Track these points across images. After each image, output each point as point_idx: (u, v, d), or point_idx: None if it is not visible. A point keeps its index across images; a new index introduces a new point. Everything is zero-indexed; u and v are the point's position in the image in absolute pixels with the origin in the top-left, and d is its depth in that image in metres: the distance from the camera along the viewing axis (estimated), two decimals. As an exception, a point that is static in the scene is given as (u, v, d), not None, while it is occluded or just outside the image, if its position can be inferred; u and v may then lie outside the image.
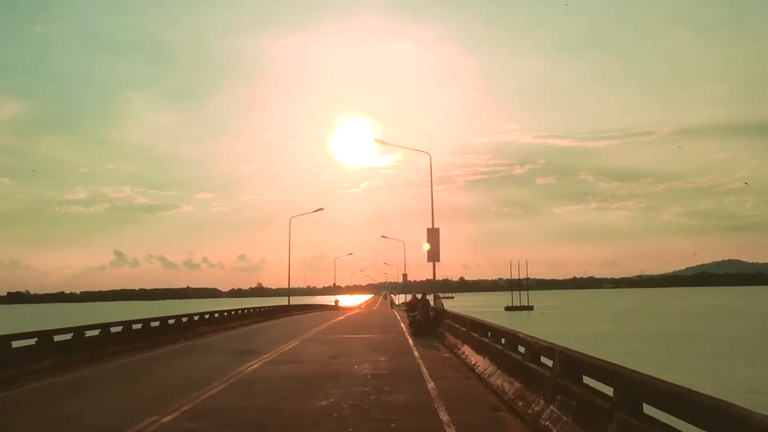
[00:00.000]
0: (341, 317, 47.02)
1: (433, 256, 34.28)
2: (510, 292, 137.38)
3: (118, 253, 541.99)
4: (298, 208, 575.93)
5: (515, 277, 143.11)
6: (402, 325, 35.57)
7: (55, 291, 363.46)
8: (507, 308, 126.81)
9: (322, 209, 57.84)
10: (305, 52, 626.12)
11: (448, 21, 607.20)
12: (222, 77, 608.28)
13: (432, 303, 28.24)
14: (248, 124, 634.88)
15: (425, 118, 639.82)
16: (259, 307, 47.55)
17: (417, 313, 27.55)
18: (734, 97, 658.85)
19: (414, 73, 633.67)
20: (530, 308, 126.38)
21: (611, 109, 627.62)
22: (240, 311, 40.76)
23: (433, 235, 34.72)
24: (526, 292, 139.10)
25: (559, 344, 9.31)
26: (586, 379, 7.85)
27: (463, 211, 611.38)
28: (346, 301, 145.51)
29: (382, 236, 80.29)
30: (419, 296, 29.34)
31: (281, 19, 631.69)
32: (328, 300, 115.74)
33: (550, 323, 76.12)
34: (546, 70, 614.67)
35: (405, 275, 79.78)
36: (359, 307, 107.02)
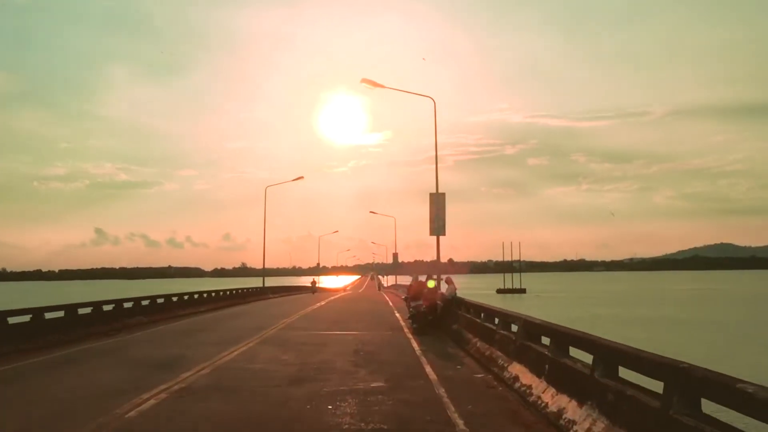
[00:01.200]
0: (322, 302, 40.09)
1: (438, 227, 27.20)
2: (501, 275, 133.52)
3: (99, 231, 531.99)
4: (282, 187, 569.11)
5: (506, 258, 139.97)
6: (397, 315, 28.57)
7: (32, 269, 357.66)
8: (499, 291, 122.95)
9: (302, 178, 50.64)
10: (292, 27, 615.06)
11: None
12: (206, 51, 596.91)
13: (444, 290, 21.17)
14: (233, 100, 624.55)
15: (412, 96, 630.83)
16: (228, 290, 40.52)
17: (421, 302, 20.32)
18: (731, 77, 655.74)
19: (404, 49, 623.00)
20: (522, 291, 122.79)
21: (604, 89, 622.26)
22: (200, 295, 33.62)
23: (437, 201, 27.59)
24: (518, 274, 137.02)
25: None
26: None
27: (453, 191, 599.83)
28: (331, 282, 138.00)
29: (371, 212, 73.59)
30: (423, 279, 22.17)
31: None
32: (307, 282, 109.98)
33: (546, 307, 71.45)
34: (538, 47, 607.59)
35: (395, 255, 72.93)
36: (344, 288, 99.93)
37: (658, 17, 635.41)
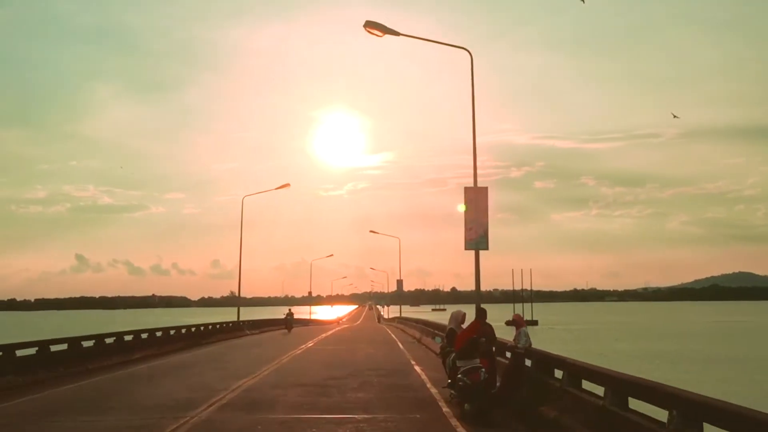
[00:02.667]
0: (309, 343, 31.17)
1: (479, 238, 18.47)
2: (506, 305, 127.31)
3: (80, 257, 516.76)
4: (276, 211, 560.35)
5: (515, 287, 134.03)
6: (417, 369, 19.57)
7: (6, 298, 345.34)
8: (508, 323, 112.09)
9: (287, 185, 42.17)
10: (286, 44, 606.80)
11: (440, 12, 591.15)
12: (195, 69, 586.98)
13: (512, 338, 12.46)
14: (223, 120, 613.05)
15: (414, 116, 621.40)
16: (186, 328, 31.56)
17: (478, 364, 11.21)
18: (745, 97, 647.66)
19: (404, 67, 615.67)
20: (534, 323, 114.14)
21: (614, 109, 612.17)
22: (136, 336, 24.79)
23: (476, 199, 18.89)
24: (530, 304, 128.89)
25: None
26: None
27: (455, 215, 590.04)
28: (325, 312, 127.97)
29: (372, 231, 65.29)
30: (462, 314, 13.44)
31: (260, 8, 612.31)
32: (305, 311, 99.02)
33: (564, 341, 66.12)
34: (545, 65, 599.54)
35: (400, 282, 63.88)
36: (338, 321, 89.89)
37: (669, 35, 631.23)
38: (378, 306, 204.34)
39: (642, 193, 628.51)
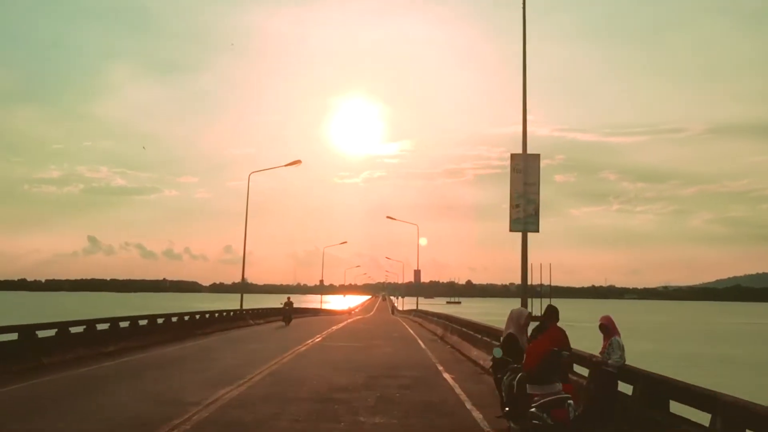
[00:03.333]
0: (317, 338, 27.63)
1: (528, 218, 14.80)
2: (520, 299, 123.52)
3: (92, 239, 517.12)
4: (291, 197, 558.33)
5: (533, 282, 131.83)
6: (447, 377, 15.95)
7: (16, 278, 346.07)
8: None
9: (299, 162, 38.66)
10: (305, 28, 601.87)
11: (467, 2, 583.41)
12: (212, 51, 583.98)
13: (601, 350, 8.72)
14: (239, 104, 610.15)
15: (435, 104, 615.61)
16: (180, 316, 28.04)
17: (561, 393, 7.51)
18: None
19: (424, 55, 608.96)
20: None
21: (638, 103, 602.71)
22: (133, 322, 21.47)
23: (525, 168, 15.18)
24: (548, 299, 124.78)
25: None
26: None
27: (472, 207, 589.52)
28: (337, 302, 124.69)
29: (389, 217, 61.67)
30: (527, 314, 9.79)
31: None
32: (317, 300, 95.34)
33: (583, 340, 59.21)
34: (568, 57, 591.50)
35: (418, 273, 60.14)
36: (350, 311, 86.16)
37: (697, 28, 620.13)
38: (392, 297, 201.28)
39: (664, 190, 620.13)
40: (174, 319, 27.23)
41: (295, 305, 40.43)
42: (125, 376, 15.13)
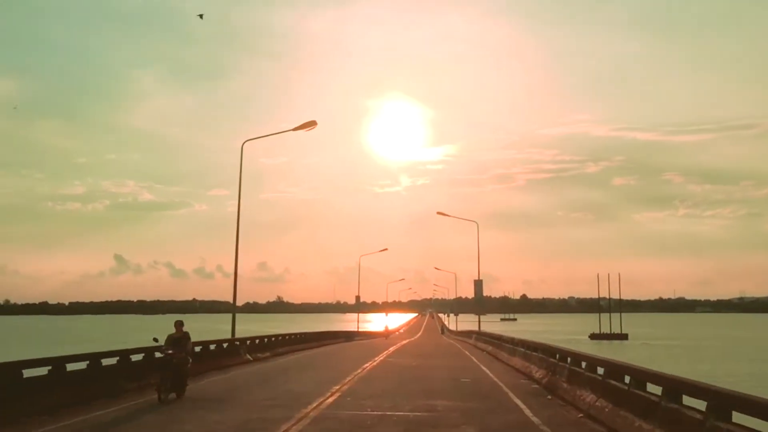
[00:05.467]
0: (329, 397, 16.87)
1: None
2: (586, 315, 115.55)
3: (118, 258, 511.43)
4: (329, 209, 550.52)
5: (595, 296, 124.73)
6: None
7: (37, 301, 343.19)
8: (593, 336, 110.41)
9: (313, 124, 28.65)
10: (340, 27, 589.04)
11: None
12: (243, 55, 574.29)
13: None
14: (272, 111, 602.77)
15: (480, 105, 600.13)
16: (124, 355, 17.83)
17: None
18: None
19: (465, 52, 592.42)
20: (623, 337, 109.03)
21: (703, 97, 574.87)
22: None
23: None
24: (618, 315, 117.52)
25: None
26: None
27: (524, 216, 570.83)
28: (379, 322, 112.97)
29: (439, 213, 52.02)
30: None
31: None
32: (353, 321, 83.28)
33: (666, 360, 59.55)
34: (624, 50, 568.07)
35: (479, 283, 49.31)
36: (386, 335, 73.82)
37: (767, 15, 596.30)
38: (440, 314, 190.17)
39: (735, 192, 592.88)
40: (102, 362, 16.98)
41: (336, 331, 30.23)
42: None
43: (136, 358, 18.41)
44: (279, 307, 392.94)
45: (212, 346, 24.95)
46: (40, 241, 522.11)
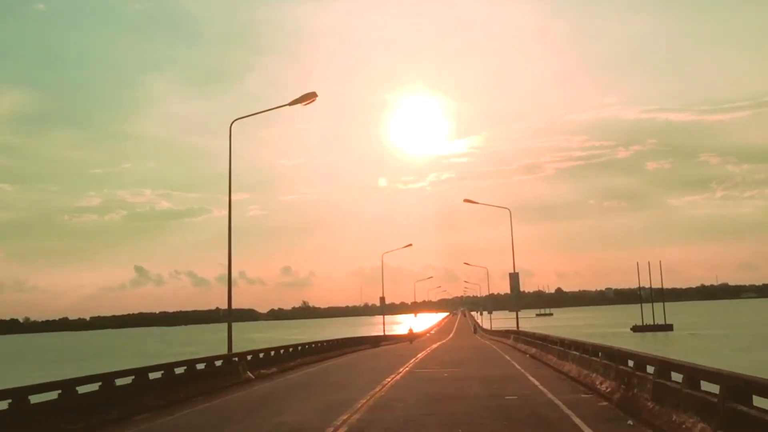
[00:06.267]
0: None
1: None
2: (624, 306, 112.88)
3: (139, 270, 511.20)
4: (351, 208, 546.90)
5: (632, 286, 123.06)
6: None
7: (57, 317, 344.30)
8: (635, 328, 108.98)
9: (313, 97, 24.57)
10: (356, 19, 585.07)
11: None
12: (256, 53, 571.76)
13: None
14: (289, 110, 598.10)
15: (503, 93, 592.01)
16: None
17: None
18: None
19: (487, 39, 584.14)
20: (668, 328, 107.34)
21: (740, 74, 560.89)
22: None
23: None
24: (661, 305, 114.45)
25: None
26: None
27: (555, 206, 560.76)
28: (409, 324, 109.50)
29: (466, 200, 48.38)
30: None
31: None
32: (378, 324, 78.40)
33: (718, 352, 56.75)
34: (654, 28, 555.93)
35: (515, 276, 45.13)
36: (410, 338, 67.74)
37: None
38: (473, 313, 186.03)
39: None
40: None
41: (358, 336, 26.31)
42: None
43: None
44: (305, 312, 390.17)
45: (201, 365, 21.19)
46: (57, 256, 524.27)
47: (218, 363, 22.68)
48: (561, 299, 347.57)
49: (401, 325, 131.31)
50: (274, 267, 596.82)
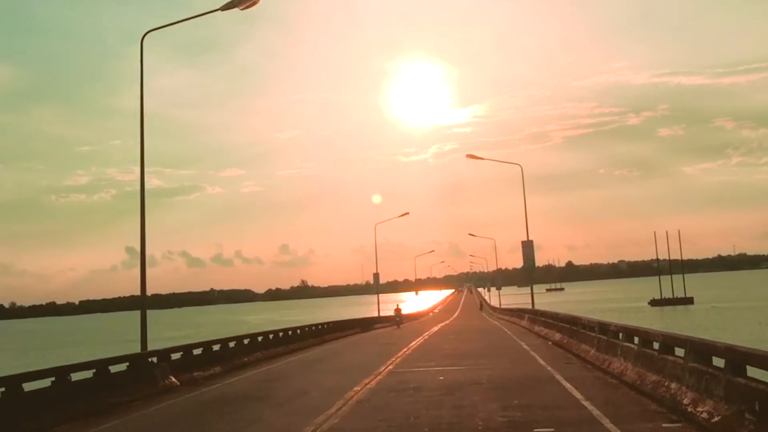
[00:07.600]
0: None
1: None
2: (641, 279, 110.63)
3: (130, 251, 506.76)
4: (351, 182, 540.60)
5: (647, 258, 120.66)
6: None
7: (45, 302, 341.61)
8: (653, 302, 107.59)
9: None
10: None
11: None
12: (249, 23, 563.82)
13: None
14: (284, 80, 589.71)
15: (507, 59, 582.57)
16: None
17: None
18: None
19: (490, 2, 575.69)
20: (688, 301, 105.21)
21: (755, 34, 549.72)
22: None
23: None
24: (680, 276, 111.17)
25: None
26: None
27: (563, 176, 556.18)
28: (412, 303, 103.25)
29: (469, 156, 42.76)
30: None
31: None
32: (389, 300, 71.43)
33: (743, 328, 54.78)
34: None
35: (528, 244, 39.30)
36: (396, 322, 54.33)
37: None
38: (480, 289, 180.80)
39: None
40: None
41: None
42: None
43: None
44: (304, 292, 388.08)
45: (85, 373, 15.13)
46: (45, 238, 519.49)
47: (128, 366, 16.81)
48: (572, 273, 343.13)
49: (404, 303, 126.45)
50: (272, 245, 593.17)
